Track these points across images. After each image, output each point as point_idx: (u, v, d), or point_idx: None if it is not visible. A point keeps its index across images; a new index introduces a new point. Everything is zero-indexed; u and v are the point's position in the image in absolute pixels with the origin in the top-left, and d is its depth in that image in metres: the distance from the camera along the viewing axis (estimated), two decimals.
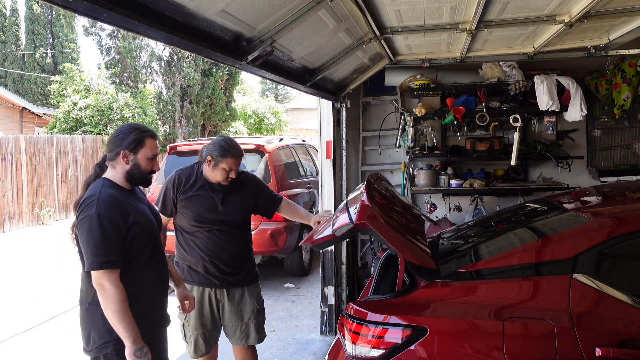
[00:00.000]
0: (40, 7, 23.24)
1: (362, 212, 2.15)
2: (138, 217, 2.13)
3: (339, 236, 2.22)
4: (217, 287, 2.89)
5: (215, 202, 2.83)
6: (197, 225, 2.82)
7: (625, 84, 4.57)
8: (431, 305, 2.12)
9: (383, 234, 2.10)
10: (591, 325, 1.95)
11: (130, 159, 2.16)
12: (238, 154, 2.81)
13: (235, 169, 2.80)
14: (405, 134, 5.00)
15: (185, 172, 2.90)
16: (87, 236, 2.00)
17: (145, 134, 2.19)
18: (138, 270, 2.15)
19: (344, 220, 2.26)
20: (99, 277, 1.99)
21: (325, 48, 3.21)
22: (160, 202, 2.87)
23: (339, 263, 4.47)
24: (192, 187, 2.83)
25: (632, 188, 3.13)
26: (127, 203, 2.13)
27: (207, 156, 2.80)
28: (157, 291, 2.27)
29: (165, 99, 16.06)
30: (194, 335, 2.93)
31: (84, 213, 2.02)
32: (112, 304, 1.99)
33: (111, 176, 2.18)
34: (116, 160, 2.17)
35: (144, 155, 2.18)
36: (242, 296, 2.94)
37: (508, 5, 2.82)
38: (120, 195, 2.13)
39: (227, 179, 2.80)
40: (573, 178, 5.12)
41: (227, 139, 2.86)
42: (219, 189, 2.85)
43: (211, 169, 2.79)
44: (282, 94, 37.67)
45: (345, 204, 2.56)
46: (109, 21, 1.56)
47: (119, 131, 2.20)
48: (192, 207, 2.82)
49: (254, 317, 2.97)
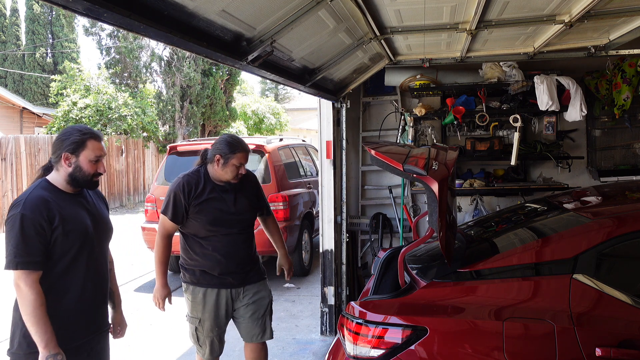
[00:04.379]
0: (41, 7, 23.24)
1: (441, 172, 2.11)
2: (65, 221, 2.07)
3: (403, 171, 2.17)
4: (233, 287, 2.89)
5: (228, 203, 2.83)
6: (213, 228, 2.79)
7: (625, 84, 4.56)
8: (431, 305, 2.12)
9: (441, 202, 2.04)
10: (591, 325, 1.95)
11: (72, 162, 2.11)
12: (246, 149, 2.82)
13: (244, 164, 2.81)
14: (405, 134, 5.00)
15: (193, 177, 2.84)
16: (8, 236, 1.99)
17: (86, 136, 2.13)
18: (62, 275, 2.09)
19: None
20: (16, 277, 1.97)
21: (325, 48, 3.21)
22: (170, 211, 2.80)
23: (339, 263, 4.47)
24: (203, 192, 2.80)
25: (632, 188, 3.13)
26: (58, 206, 2.07)
27: (214, 155, 2.78)
28: (88, 298, 2.18)
29: (165, 99, 16.07)
30: (209, 338, 2.92)
31: (10, 212, 2.02)
32: (26, 306, 1.96)
33: (52, 178, 2.15)
34: (59, 162, 2.12)
35: (86, 158, 2.12)
36: (258, 291, 2.97)
37: (508, 5, 2.82)
38: (53, 197, 2.08)
39: (237, 175, 2.80)
40: (573, 178, 5.12)
41: (232, 136, 2.87)
42: (229, 189, 2.85)
43: (220, 167, 2.77)
44: (282, 94, 37.67)
45: (429, 151, 2.53)
46: (109, 21, 1.56)
47: (61, 133, 2.16)
48: (206, 211, 2.78)
49: (269, 309, 3.02)
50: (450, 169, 2.23)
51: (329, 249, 4.40)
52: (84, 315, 2.18)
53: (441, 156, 2.45)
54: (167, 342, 4.62)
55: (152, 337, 4.77)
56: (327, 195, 4.41)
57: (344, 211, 4.47)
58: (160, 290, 2.92)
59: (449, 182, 2.16)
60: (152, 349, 4.50)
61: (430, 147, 2.64)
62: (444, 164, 2.23)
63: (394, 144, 2.71)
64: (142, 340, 4.69)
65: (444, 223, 2.08)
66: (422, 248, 2.80)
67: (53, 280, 2.07)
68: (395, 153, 2.52)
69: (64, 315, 2.09)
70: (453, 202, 2.75)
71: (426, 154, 2.47)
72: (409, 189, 5.17)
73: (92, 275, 2.20)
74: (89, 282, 2.19)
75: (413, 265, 2.50)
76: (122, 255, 8.16)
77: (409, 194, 5.21)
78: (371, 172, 5.37)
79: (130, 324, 2.47)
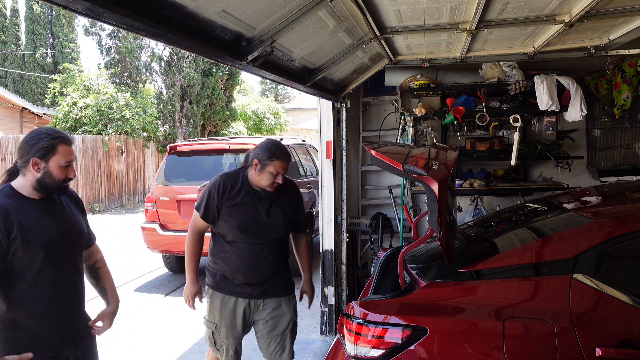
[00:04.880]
0: (41, 7, 23.24)
1: (441, 172, 2.11)
2: (26, 231, 1.94)
3: (403, 171, 2.17)
4: (252, 298, 2.76)
5: (261, 212, 2.71)
6: (240, 235, 2.69)
7: (625, 84, 4.56)
8: (431, 305, 2.12)
9: (441, 202, 2.04)
10: (591, 325, 1.95)
11: (42, 167, 1.98)
12: (286, 157, 2.69)
13: (282, 174, 2.68)
14: (405, 134, 5.00)
15: (231, 177, 2.75)
16: None
17: (57, 140, 2.00)
18: (26, 289, 1.97)
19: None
20: None
21: (325, 48, 3.21)
22: (203, 208, 2.72)
23: (339, 263, 4.47)
24: (237, 194, 2.70)
25: (632, 188, 3.13)
26: (18, 214, 1.94)
27: (253, 159, 2.68)
28: (57, 310, 2.07)
29: (165, 99, 16.07)
30: (225, 345, 2.81)
31: None
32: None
33: (17, 184, 2.02)
34: (26, 167, 1.99)
35: (56, 163, 1.99)
36: (279, 307, 2.82)
37: (508, 5, 2.82)
38: (15, 205, 1.96)
39: (273, 184, 2.67)
40: (573, 178, 5.12)
41: (275, 142, 2.75)
42: (265, 197, 2.72)
43: (257, 172, 2.67)
44: (282, 94, 37.68)
45: (429, 151, 2.52)
46: (109, 21, 1.56)
47: (29, 137, 2.01)
48: (236, 215, 2.68)
49: (290, 329, 2.84)
50: (450, 169, 2.24)
51: (329, 249, 4.40)
52: (53, 328, 2.06)
53: (441, 156, 2.45)
54: (167, 342, 4.62)
55: (152, 337, 4.77)
56: (327, 195, 4.41)
57: (344, 211, 4.47)
58: (190, 288, 2.82)
59: (449, 182, 2.16)
60: (152, 349, 4.50)
61: (430, 147, 2.64)
62: (444, 164, 2.23)
63: (394, 144, 2.70)
64: (142, 340, 4.69)
65: (444, 223, 2.08)
66: (422, 248, 2.80)
67: (16, 295, 1.96)
68: (395, 153, 2.52)
69: (31, 327, 2.00)
70: (453, 202, 2.75)
71: (426, 154, 2.47)
72: (409, 189, 5.17)
73: (60, 287, 2.08)
74: (58, 295, 2.07)
75: (413, 265, 2.50)
76: (122, 255, 8.16)
77: (409, 194, 5.21)
78: (371, 172, 5.37)
79: (130, 324, 2.44)
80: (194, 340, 4.67)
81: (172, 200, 6.34)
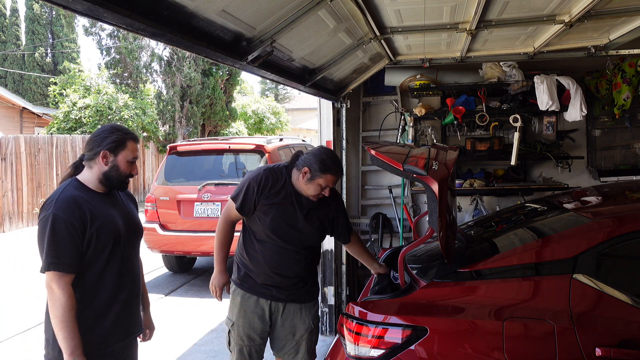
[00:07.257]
0: (41, 7, 23.25)
1: (441, 172, 2.11)
2: (98, 221, 2.02)
3: (403, 171, 2.16)
4: (274, 300, 2.66)
5: (298, 217, 2.58)
6: (272, 236, 2.57)
7: (625, 84, 4.56)
8: (431, 305, 2.12)
9: (441, 202, 2.03)
10: (591, 325, 1.95)
11: (110, 160, 2.07)
12: (339, 173, 2.56)
13: (330, 187, 2.56)
14: (405, 134, 5.00)
15: (274, 173, 2.60)
16: (41, 237, 1.94)
17: (128, 136, 2.11)
18: (96, 278, 2.04)
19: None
20: (48, 279, 1.92)
21: (325, 48, 3.21)
22: (240, 200, 2.58)
23: (339, 263, 4.47)
24: (277, 194, 2.56)
25: (632, 188, 3.13)
26: (91, 206, 2.02)
27: (304, 167, 2.52)
28: (121, 301, 2.13)
29: (165, 99, 16.08)
30: (238, 346, 2.69)
31: (42, 213, 1.97)
32: (56, 309, 1.91)
33: (83, 177, 2.10)
34: (94, 160, 2.08)
35: (124, 157, 2.09)
36: (298, 313, 2.71)
37: (508, 5, 2.82)
38: (85, 197, 2.03)
39: (318, 195, 2.56)
40: (573, 178, 5.12)
41: (330, 153, 2.59)
42: (305, 203, 2.59)
43: (305, 181, 2.52)
44: (282, 94, 37.69)
45: (429, 151, 2.51)
46: (109, 21, 1.56)
47: (100, 131, 2.12)
48: (272, 215, 2.55)
49: (307, 336, 2.74)
50: (450, 169, 2.24)
51: (329, 249, 4.40)
52: (117, 319, 2.11)
53: (441, 156, 2.44)
54: (167, 342, 4.62)
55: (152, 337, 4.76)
56: None
57: None
58: (218, 278, 2.69)
59: (449, 182, 2.16)
60: (152, 349, 4.49)
61: (430, 147, 2.63)
62: (444, 164, 2.23)
63: (394, 144, 2.69)
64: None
65: (444, 223, 2.08)
66: (422, 248, 2.80)
67: (87, 283, 2.02)
68: (395, 153, 2.52)
69: (96, 319, 2.05)
70: (453, 202, 2.75)
71: (426, 154, 2.47)
72: (409, 189, 5.17)
73: (125, 277, 2.15)
74: (123, 285, 2.14)
75: (413, 265, 2.50)
76: None
77: (409, 194, 5.21)
78: (371, 172, 5.37)
79: None
80: (194, 340, 4.67)
81: (172, 200, 6.34)
